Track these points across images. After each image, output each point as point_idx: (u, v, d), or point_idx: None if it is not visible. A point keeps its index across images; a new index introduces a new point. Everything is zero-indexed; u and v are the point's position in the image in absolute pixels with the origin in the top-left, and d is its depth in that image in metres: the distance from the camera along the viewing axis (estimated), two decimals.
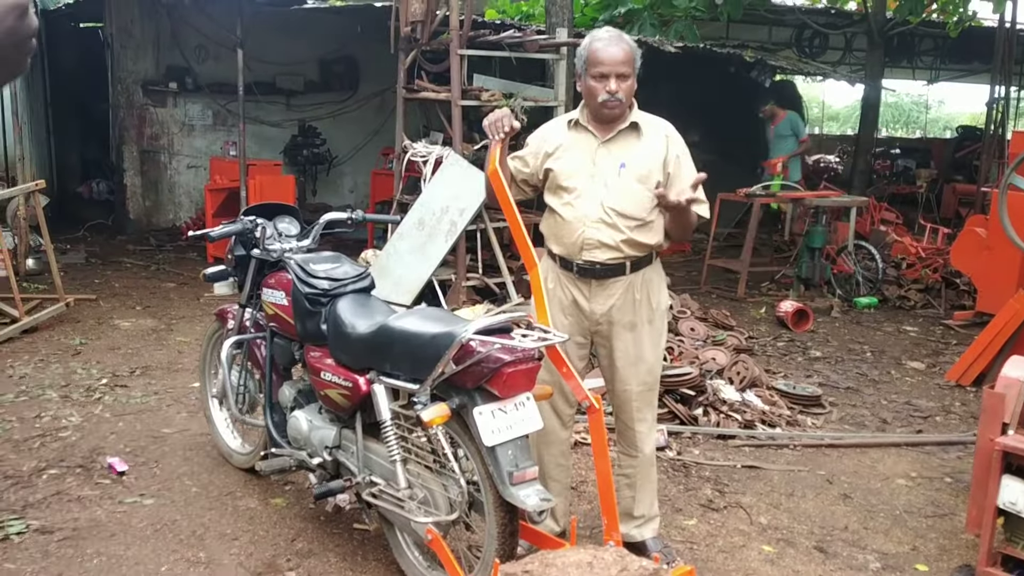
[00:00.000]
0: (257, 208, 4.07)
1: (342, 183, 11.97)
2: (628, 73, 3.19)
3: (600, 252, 3.29)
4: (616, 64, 3.17)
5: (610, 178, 3.27)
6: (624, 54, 3.18)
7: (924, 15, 11.51)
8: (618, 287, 3.33)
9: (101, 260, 9.17)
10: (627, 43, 3.21)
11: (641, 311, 3.36)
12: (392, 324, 3.11)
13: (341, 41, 11.11)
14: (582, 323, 3.41)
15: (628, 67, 3.19)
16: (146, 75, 10.48)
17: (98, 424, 4.82)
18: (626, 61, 3.18)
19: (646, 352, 3.41)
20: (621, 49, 3.18)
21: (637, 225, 3.27)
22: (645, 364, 3.42)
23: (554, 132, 3.42)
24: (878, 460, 4.83)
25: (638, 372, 3.42)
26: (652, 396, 3.53)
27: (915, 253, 9.42)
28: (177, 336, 6.59)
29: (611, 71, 3.17)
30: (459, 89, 6.98)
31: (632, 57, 3.20)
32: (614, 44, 3.19)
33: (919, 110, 36.94)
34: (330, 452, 3.46)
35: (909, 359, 6.87)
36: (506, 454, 2.84)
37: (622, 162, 3.27)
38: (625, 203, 3.26)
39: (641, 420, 3.50)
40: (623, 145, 3.30)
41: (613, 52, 3.17)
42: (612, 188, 3.26)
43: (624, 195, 3.26)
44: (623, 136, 3.29)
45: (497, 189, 3.25)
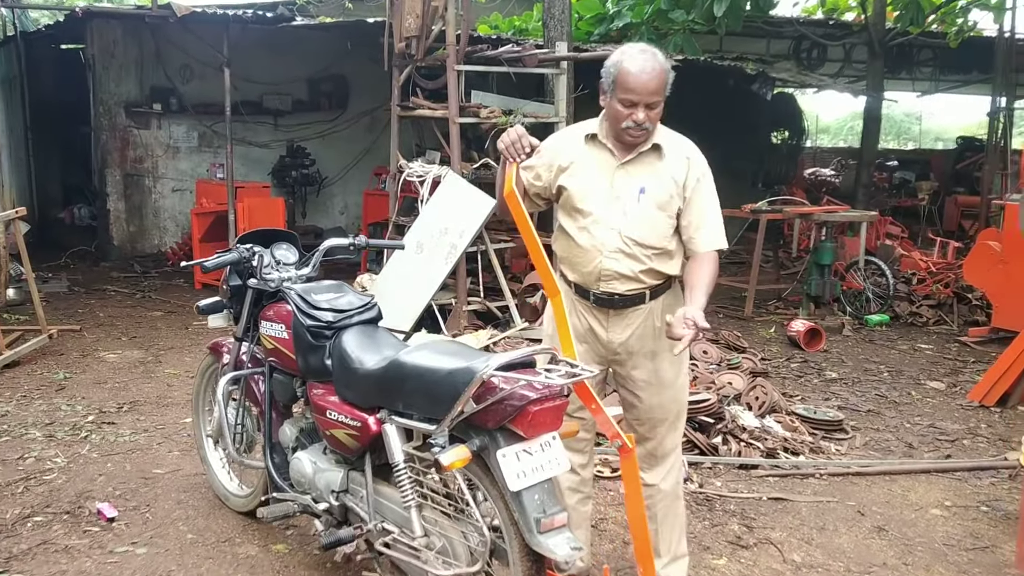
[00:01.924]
0: (253, 235, 3.81)
1: (332, 204, 11.71)
2: (658, 102, 2.94)
3: (619, 283, 3.06)
4: (647, 94, 2.91)
5: (629, 204, 3.02)
6: (657, 82, 2.91)
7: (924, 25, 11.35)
8: (637, 316, 3.10)
9: (84, 288, 8.86)
10: (661, 67, 2.93)
11: (662, 339, 3.11)
12: (404, 359, 2.85)
13: (330, 59, 10.88)
14: (599, 351, 3.18)
15: (659, 95, 2.93)
16: (129, 97, 10.20)
17: (85, 465, 4.52)
18: (657, 90, 2.92)
19: (669, 379, 3.18)
20: (654, 76, 2.90)
21: (657, 254, 3.04)
22: (670, 391, 3.20)
23: (569, 144, 3.15)
24: (909, 488, 4.58)
25: (663, 400, 3.19)
26: (679, 424, 3.29)
27: (925, 268, 9.24)
28: (166, 368, 6.30)
29: (640, 100, 2.91)
30: (457, 106, 6.75)
31: (664, 83, 2.94)
32: (647, 70, 2.90)
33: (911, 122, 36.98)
34: (337, 497, 3.20)
35: (928, 379, 6.64)
36: (532, 499, 2.58)
37: (642, 187, 3.02)
38: (645, 232, 3.02)
39: (664, 451, 3.27)
40: (643, 168, 3.04)
41: (645, 80, 2.90)
42: (631, 216, 3.02)
43: (644, 223, 3.02)
44: (644, 158, 3.04)
45: (515, 212, 3.01)
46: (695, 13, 10.43)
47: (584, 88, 7.63)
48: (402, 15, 6.94)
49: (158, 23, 9.03)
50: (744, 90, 12.77)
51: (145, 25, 9.53)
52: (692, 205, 3.03)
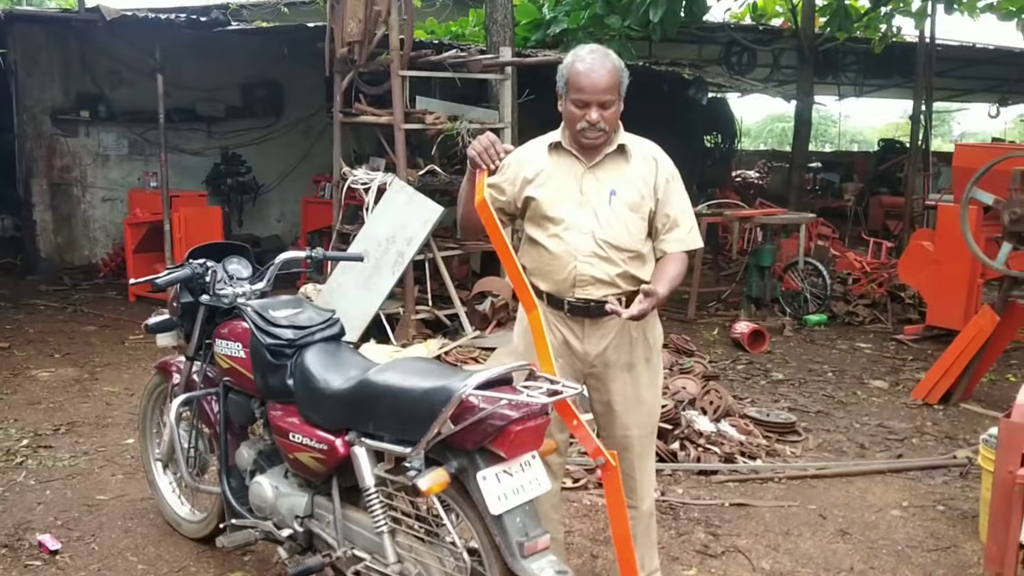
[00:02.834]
0: (203, 249, 3.65)
1: (269, 212, 11.45)
2: (611, 100, 2.91)
3: (594, 288, 3.00)
4: (598, 92, 2.88)
5: (600, 207, 2.98)
6: (607, 80, 2.88)
7: (851, 31, 11.60)
8: (613, 326, 3.04)
9: (11, 303, 8.46)
10: (612, 65, 2.91)
11: (638, 349, 3.08)
12: (374, 378, 2.74)
13: (264, 65, 10.63)
14: (575, 365, 3.11)
15: (612, 93, 2.90)
16: (55, 103, 9.79)
17: (22, 494, 4.29)
18: (609, 88, 2.89)
19: (645, 393, 3.13)
20: (604, 74, 2.88)
21: (632, 257, 3.00)
22: (645, 406, 3.15)
23: (533, 156, 3.10)
24: (866, 489, 4.63)
25: (638, 415, 3.14)
26: (652, 441, 3.25)
27: (860, 268, 9.42)
28: (103, 386, 6.04)
29: (592, 99, 2.89)
30: (402, 112, 6.64)
31: (617, 81, 2.91)
32: (597, 68, 2.88)
33: (827, 124, 37.89)
34: (302, 522, 3.07)
35: (870, 377, 6.76)
36: (514, 522, 2.51)
37: (612, 189, 2.99)
38: (619, 234, 2.98)
39: (642, 468, 3.22)
40: (611, 171, 3.01)
41: (595, 79, 2.87)
42: (603, 218, 2.98)
43: (616, 226, 2.98)
44: (610, 161, 3.01)
45: (487, 222, 2.92)
46: (630, 19, 10.49)
47: (530, 94, 7.62)
48: (344, 20, 6.80)
49: (85, 27, 8.70)
50: (679, 95, 12.89)
51: (71, 29, 9.17)
52: (663, 207, 3.01)
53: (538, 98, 7.41)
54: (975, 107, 25.31)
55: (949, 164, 11.60)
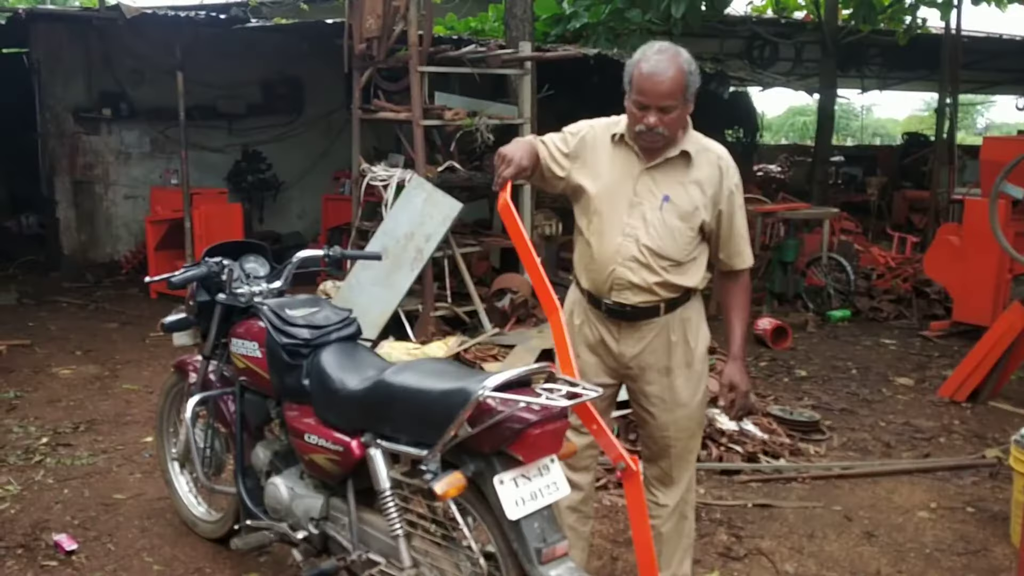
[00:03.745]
0: (221, 247, 3.62)
1: (290, 209, 11.44)
2: (673, 105, 2.76)
3: (631, 294, 2.92)
4: (658, 96, 2.74)
5: (650, 212, 2.88)
6: (670, 85, 2.73)
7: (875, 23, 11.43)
8: (651, 330, 2.96)
9: (35, 300, 8.51)
10: (679, 68, 2.74)
11: (676, 354, 2.99)
12: (391, 379, 2.70)
13: (285, 62, 10.63)
14: (610, 364, 3.05)
15: (674, 99, 2.75)
16: (77, 102, 9.83)
17: (40, 493, 4.29)
18: (671, 92, 2.74)
19: (684, 397, 3.03)
20: (667, 78, 2.72)
21: (673, 266, 2.89)
22: (684, 410, 3.05)
23: (598, 140, 2.99)
24: (892, 490, 4.55)
25: (676, 419, 3.04)
26: (693, 443, 3.16)
27: (884, 263, 9.28)
28: (123, 383, 6.04)
29: (652, 103, 2.75)
30: (420, 108, 6.59)
31: (682, 86, 2.75)
32: (660, 71, 2.73)
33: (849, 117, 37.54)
34: (316, 525, 3.03)
35: (896, 375, 6.65)
36: (532, 528, 2.46)
37: (666, 195, 2.88)
38: (664, 243, 2.88)
39: (679, 468, 3.14)
40: (669, 175, 2.89)
41: (656, 83, 2.73)
42: (651, 224, 2.88)
43: (663, 234, 2.88)
44: (670, 165, 2.89)
45: (510, 224, 2.82)
46: (651, 13, 10.41)
47: (549, 89, 7.56)
48: (362, 16, 6.76)
49: (106, 25, 8.72)
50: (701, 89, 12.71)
51: (93, 28, 9.19)
52: (726, 219, 2.91)
53: (557, 93, 7.35)
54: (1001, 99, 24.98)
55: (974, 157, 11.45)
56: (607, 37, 10.36)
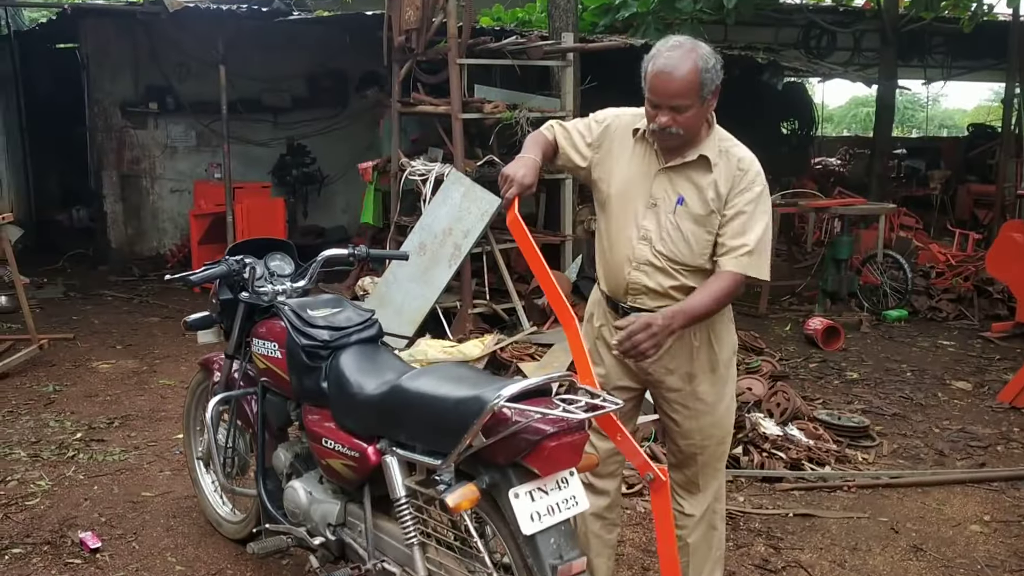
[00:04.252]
0: (245, 244, 3.55)
1: (334, 203, 11.43)
2: (686, 105, 2.59)
3: (647, 299, 2.79)
4: (668, 96, 2.58)
5: (664, 215, 2.74)
6: (681, 84, 2.56)
7: (938, 10, 11.01)
8: None
9: (81, 294, 8.61)
10: (692, 65, 2.57)
11: (699, 360, 2.84)
12: (406, 385, 2.59)
13: (329, 54, 10.60)
14: (631, 367, 2.91)
15: (687, 98, 2.58)
16: (124, 96, 9.92)
17: (70, 488, 4.28)
18: (682, 92, 2.57)
19: (708, 403, 2.89)
20: (678, 76, 2.56)
21: (690, 270, 2.75)
22: (709, 417, 2.90)
23: (622, 133, 2.85)
24: (943, 501, 4.33)
25: (702, 426, 2.90)
26: (722, 451, 3.00)
27: (944, 261, 8.94)
28: (160, 379, 6.05)
29: (663, 102, 2.60)
30: (459, 101, 6.48)
31: (696, 84, 2.57)
32: (672, 69, 2.56)
33: (914, 109, 36.51)
34: (334, 531, 2.95)
35: (953, 378, 6.38)
36: (548, 543, 2.34)
37: (680, 197, 2.73)
38: (677, 248, 2.73)
39: (706, 475, 2.98)
40: (686, 177, 2.73)
41: (667, 81, 2.57)
42: (664, 228, 2.74)
43: (676, 238, 2.73)
44: (689, 167, 2.73)
45: (520, 240, 2.72)
46: (702, 2, 10.14)
47: (592, 80, 7.38)
48: (401, 7, 6.67)
49: (151, 20, 8.76)
50: (753, 80, 12.46)
51: (139, 22, 9.25)
52: (733, 221, 2.68)
53: (601, 85, 7.17)
54: None
55: None
56: (656, 27, 10.10)
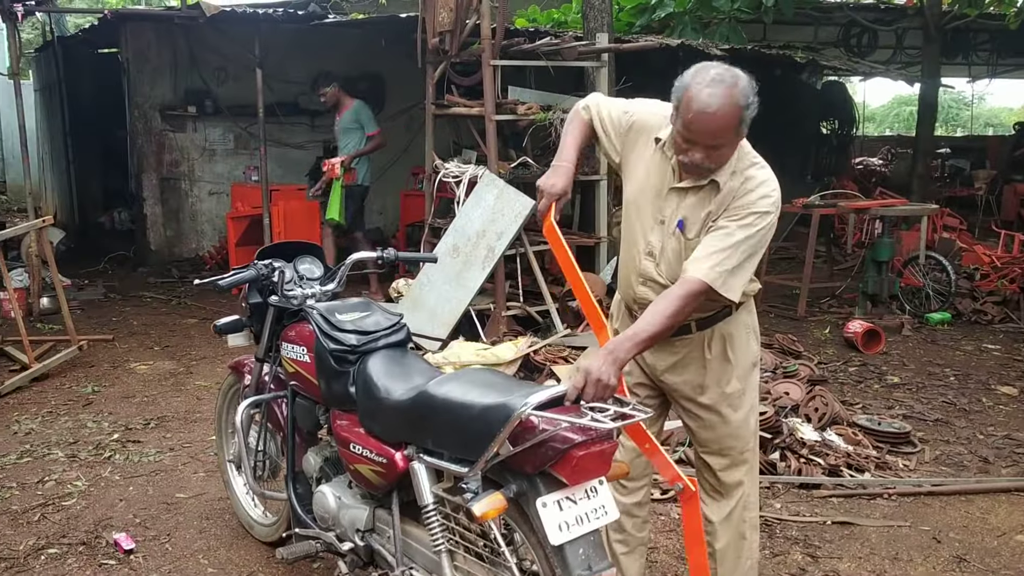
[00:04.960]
0: (275, 248, 3.56)
1: (370, 205, 11.41)
2: (723, 143, 2.49)
3: None
4: (708, 136, 2.46)
5: (667, 233, 2.69)
6: (721, 124, 2.43)
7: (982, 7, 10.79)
8: (683, 345, 2.77)
9: (120, 295, 8.72)
10: (732, 105, 2.42)
11: (711, 371, 2.78)
12: (433, 391, 2.56)
13: (365, 57, 10.63)
14: (647, 372, 2.88)
15: (726, 137, 2.47)
16: (164, 99, 10.06)
17: (106, 489, 4.32)
18: (723, 132, 2.46)
19: (723, 415, 2.83)
20: (720, 118, 2.42)
21: None
22: (725, 428, 2.84)
23: (645, 137, 2.75)
24: (988, 510, 4.21)
25: (718, 436, 2.85)
26: (744, 459, 2.91)
27: (989, 262, 8.74)
28: (196, 380, 6.09)
29: (700, 141, 2.48)
30: (493, 103, 6.45)
31: (736, 122, 2.45)
32: (711, 109, 2.41)
33: (958, 107, 35.85)
34: (362, 536, 2.93)
35: (998, 383, 6.22)
36: (576, 554, 2.30)
37: (681, 220, 2.65)
38: (675, 269, 2.67)
39: (730, 484, 2.91)
40: (694, 197, 2.64)
41: (707, 121, 2.43)
42: (667, 248, 2.69)
43: (673, 260, 2.69)
44: (699, 190, 2.64)
45: (556, 248, 2.70)
46: (740, 1, 10.04)
47: (627, 81, 7.32)
48: (435, 9, 6.66)
49: (190, 24, 8.86)
50: (792, 79, 12.30)
51: (177, 27, 9.36)
52: (715, 231, 2.55)
53: (637, 86, 7.10)
54: None
55: None
56: (693, 26, 10.04)
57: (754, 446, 2.96)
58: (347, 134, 8.18)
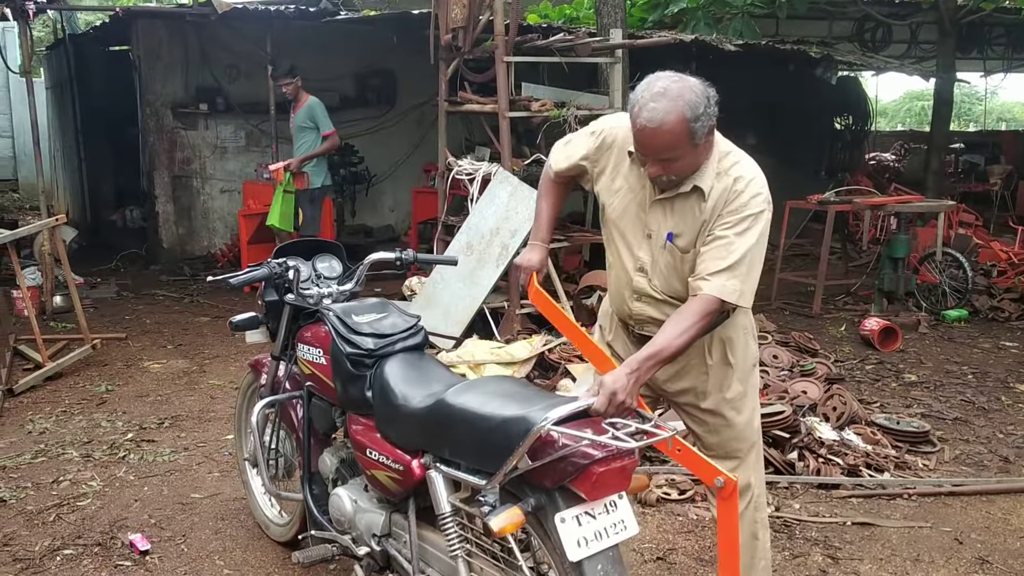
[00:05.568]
0: (293, 246, 3.51)
1: (382, 202, 11.45)
2: (675, 156, 2.44)
3: (653, 327, 2.68)
4: (656, 151, 2.44)
5: (656, 249, 2.65)
6: (667, 139, 2.39)
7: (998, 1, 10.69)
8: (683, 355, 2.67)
9: (133, 293, 8.72)
10: (679, 118, 2.37)
11: (714, 376, 2.76)
12: (452, 400, 2.51)
13: (376, 53, 10.61)
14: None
15: (675, 151, 2.43)
16: (175, 97, 10.04)
17: (121, 489, 4.30)
18: (671, 146, 2.41)
19: (726, 418, 2.80)
20: (664, 132, 2.38)
21: None
22: (729, 431, 2.82)
23: (618, 150, 2.71)
24: (1010, 511, 4.16)
25: (722, 440, 2.82)
26: (749, 460, 2.87)
27: (1006, 259, 8.67)
28: (210, 379, 6.08)
29: (650, 156, 2.47)
30: (507, 99, 6.41)
31: (683, 137, 2.40)
32: (653, 125, 2.37)
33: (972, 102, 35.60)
34: (379, 541, 2.89)
35: (1017, 381, 6.16)
36: (595, 569, 2.25)
37: (670, 232, 2.60)
38: (670, 283, 2.66)
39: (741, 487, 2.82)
40: (680, 209, 2.59)
41: (652, 136, 2.40)
42: (657, 263, 2.65)
43: (668, 274, 2.65)
44: (683, 198, 2.58)
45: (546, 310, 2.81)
46: None
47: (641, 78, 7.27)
48: (448, 5, 6.63)
49: (201, 21, 8.85)
50: (806, 75, 12.22)
51: (188, 24, 9.35)
52: (715, 241, 2.50)
53: None
54: None
55: None
56: (706, 21, 9.98)
57: (758, 447, 2.92)
58: (301, 133, 7.90)
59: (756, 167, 2.58)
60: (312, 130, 7.82)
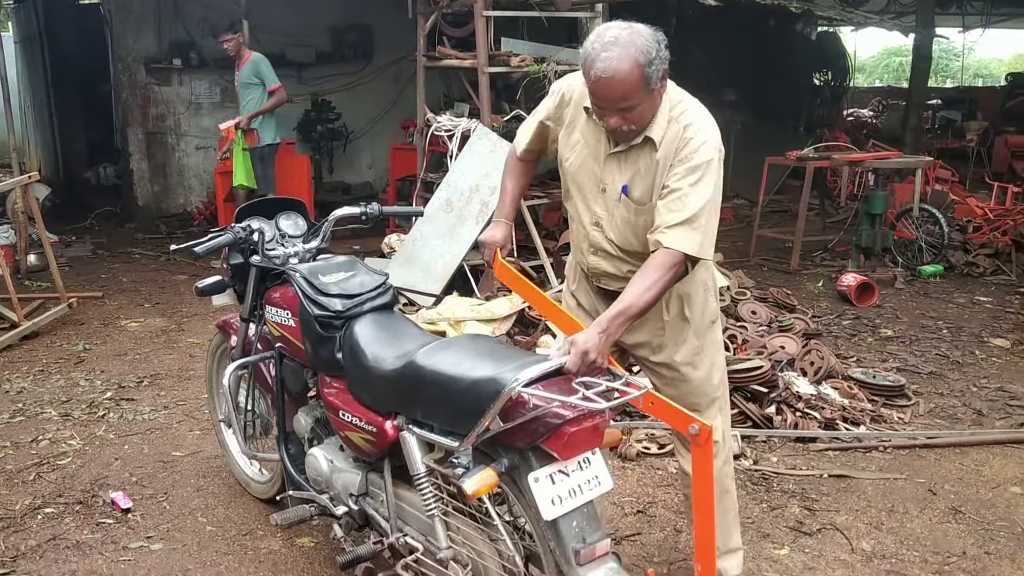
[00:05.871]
0: (254, 206, 3.45)
1: (360, 159, 11.36)
2: (634, 104, 2.43)
3: (611, 281, 2.76)
4: (613, 101, 2.43)
5: (611, 204, 2.65)
6: (625, 88, 2.38)
7: None
8: None
9: (109, 251, 8.64)
10: (633, 64, 2.36)
11: (672, 331, 2.78)
12: (422, 361, 2.50)
13: (353, 8, 10.46)
14: None
15: (632, 99, 2.42)
16: (148, 52, 9.86)
17: (101, 448, 4.29)
18: (627, 94, 2.40)
19: (682, 373, 2.83)
20: (620, 81, 2.37)
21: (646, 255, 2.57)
22: (686, 385, 2.84)
23: (575, 107, 2.70)
24: (982, 462, 4.24)
25: (681, 393, 2.82)
26: (714, 411, 2.88)
27: (981, 215, 8.73)
28: (188, 337, 6.05)
29: (608, 107, 2.46)
30: (486, 55, 6.35)
31: (639, 84, 2.39)
32: (610, 74, 2.36)
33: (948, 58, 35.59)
34: (356, 500, 2.89)
35: (991, 335, 6.23)
36: (570, 527, 2.28)
37: (624, 185, 2.61)
38: (625, 237, 2.67)
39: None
40: (633, 161, 2.59)
41: (607, 87, 2.40)
42: (613, 216, 2.66)
43: (623, 228, 2.66)
44: (636, 150, 2.57)
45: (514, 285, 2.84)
46: None
47: None
48: None
49: None
50: (786, 30, 12.17)
51: None
52: (670, 193, 2.48)
53: None
54: None
55: None
56: None
57: (721, 403, 2.93)
58: (247, 89, 7.74)
59: (706, 114, 2.57)
60: (258, 86, 7.67)
